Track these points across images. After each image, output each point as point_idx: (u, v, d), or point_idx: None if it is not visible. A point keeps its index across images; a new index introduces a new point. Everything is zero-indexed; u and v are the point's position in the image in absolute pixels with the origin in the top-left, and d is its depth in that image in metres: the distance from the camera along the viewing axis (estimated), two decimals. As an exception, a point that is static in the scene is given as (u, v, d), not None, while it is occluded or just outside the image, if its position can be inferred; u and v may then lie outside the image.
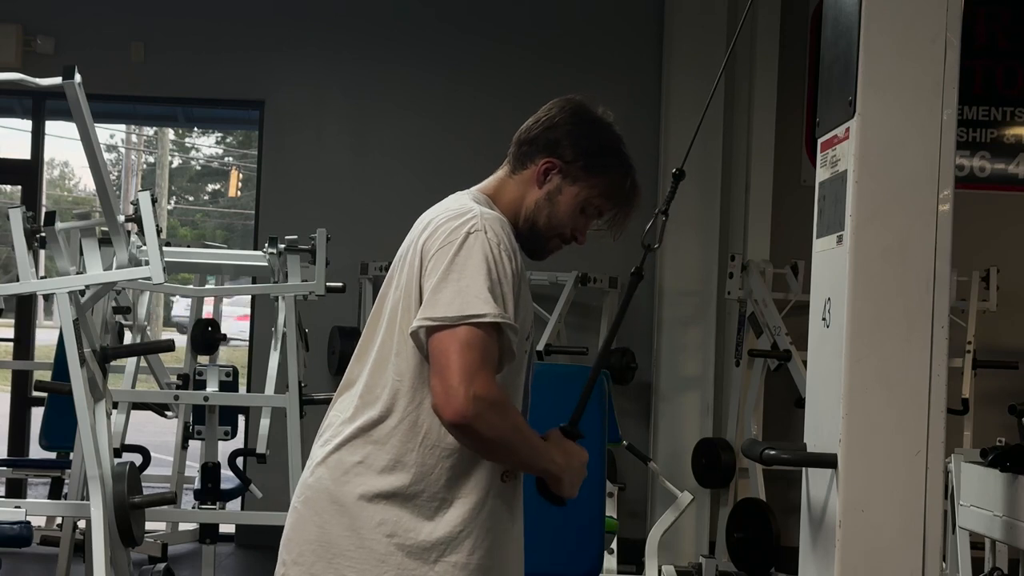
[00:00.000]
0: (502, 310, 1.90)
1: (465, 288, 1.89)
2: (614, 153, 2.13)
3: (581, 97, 2.16)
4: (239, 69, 6.84)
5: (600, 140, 2.12)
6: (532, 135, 2.12)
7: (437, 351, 1.88)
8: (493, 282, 1.91)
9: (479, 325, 1.87)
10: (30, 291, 3.48)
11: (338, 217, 6.32)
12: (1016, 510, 2.56)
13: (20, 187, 7.29)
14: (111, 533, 3.40)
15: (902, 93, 2.00)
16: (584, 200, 2.11)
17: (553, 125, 2.11)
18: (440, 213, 2.03)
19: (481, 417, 1.85)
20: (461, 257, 1.92)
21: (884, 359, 1.99)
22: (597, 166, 2.10)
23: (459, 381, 1.84)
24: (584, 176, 2.10)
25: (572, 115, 2.12)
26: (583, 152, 2.10)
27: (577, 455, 2.05)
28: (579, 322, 6.56)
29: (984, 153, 6.66)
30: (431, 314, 1.90)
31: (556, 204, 2.10)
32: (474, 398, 1.84)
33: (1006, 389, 6.08)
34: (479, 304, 1.88)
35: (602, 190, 2.11)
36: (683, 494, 4.96)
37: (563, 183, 2.10)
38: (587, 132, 2.11)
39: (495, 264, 1.93)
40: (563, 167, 2.10)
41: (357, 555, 1.96)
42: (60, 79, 3.06)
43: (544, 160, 2.10)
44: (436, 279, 1.92)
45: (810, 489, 2.16)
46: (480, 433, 1.88)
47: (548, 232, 2.12)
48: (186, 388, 5.24)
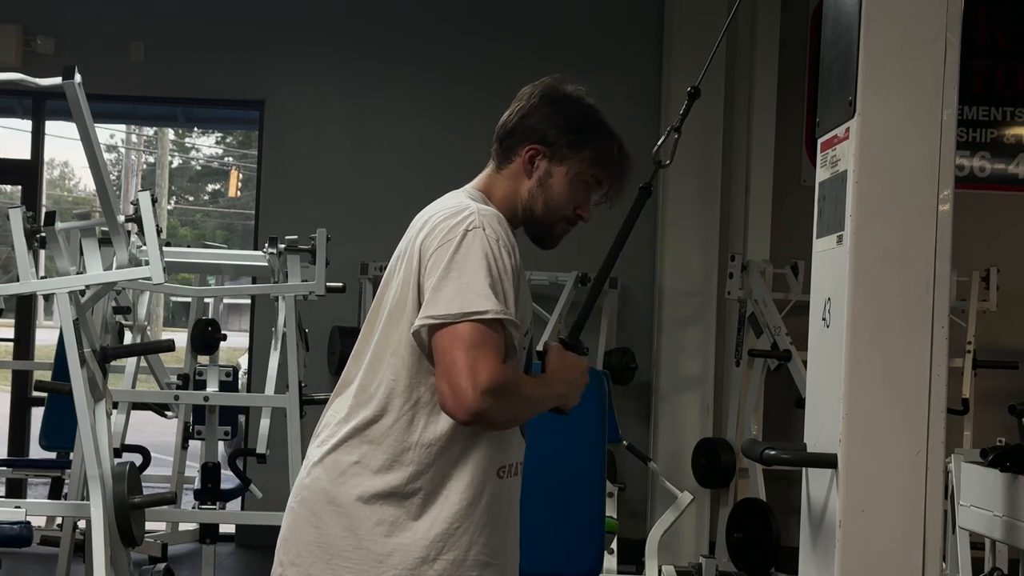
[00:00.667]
0: (504, 306, 1.90)
1: (466, 285, 1.89)
2: (593, 124, 2.14)
3: (551, 79, 2.18)
4: (239, 69, 6.84)
5: (577, 114, 2.13)
6: (510, 127, 2.13)
7: (440, 350, 1.89)
8: (494, 278, 1.91)
9: (481, 322, 1.88)
10: (30, 291, 3.47)
11: (338, 217, 6.32)
12: (1016, 510, 2.56)
13: (20, 187, 7.30)
14: (111, 533, 3.40)
15: (902, 93, 2.00)
16: (575, 175, 2.11)
17: (528, 112, 2.12)
18: (437, 211, 2.03)
19: (492, 409, 1.87)
20: (460, 254, 1.92)
21: (884, 359, 1.99)
22: (579, 140, 2.11)
23: (466, 379, 1.85)
24: (570, 153, 2.10)
25: (544, 98, 2.13)
26: (563, 130, 2.10)
27: (577, 367, 2.09)
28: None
29: (984, 153, 6.66)
30: (433, 312, 1.90)
31: (549, 188, 2.11)
32: (482, 394, 1.84)
33: (1006, 389, 6.08)
34: (480, 301, 1.88)
35: (591, 161, 2.11)
36: (683, 494, 4.96)
37: (551, 166, 2.10)
38: (562, 110, 2.12)
39: (495, 260, 1.93)
40: (547, 150, 2.10)
41: (355, 556, 1.96)
42: (60, 79, 3.05)
43: (527, 148, 2.10)
44: (436, 277, 1.92)
45: (810, 489, 2.16)
46: (495, 421, 1.93)
47: (549, 218, 2.12)
48: (186, 388, 5.24)
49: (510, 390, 1.90)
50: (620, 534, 5.27)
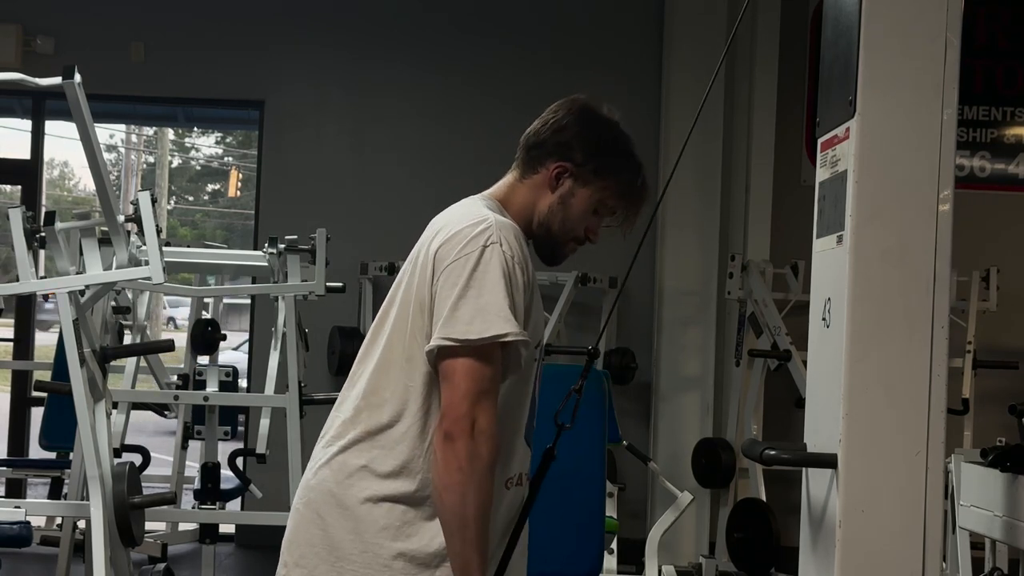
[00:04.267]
0: (520, 327, 1.91)
1: (485, 306, 1.89)
2: (624, 153, 2.13)
3: (586, 97, 2.16)
4: (239, 69, 6.84)
5: (609, 141, 2.12)
6: (541, 139, 2.11)
7: (450, 370, 1.90)
8: (511, 298, 1.92)
9: (499, 344, 1.89)
10: (30, 291, 3.48)
11: (338, 217, 6.32)
12: (1016, 510, 2.56)
13: (20, 187, 7.30)
14: (111, 533, 3.40)
15: (902, 93, 2.00)
16: (597, 201, 2.10)
17: (561, 128, 2.10)
18: (454, 219, 2.02)
19: (471, 438, 1.86)
20: (479, 272, 1.91)
21: (884, 359, 1.99)
22: (609, 167, 2.10)
23: (466, 397, 1.88)
24: (596, 178, 2.09)
25: (580, 117, 2.11)
26: (594, 154, 2.09)
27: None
28: (579, 322, 6.56)
29: (984, 153, 6.66)
30: (451, 334, 1.89)
31: (569, 207, 2.10)
32: (475, 420, 1.87)
33: (1006, 389, 6.08)
34: (500, 323, 1.89)
35: (615, 190, 2.11)
36: (683, 494, 4.96)
37: (575, 186, 2.09)
38: (596, 134, 2.11)
39: (510, 279, 1.93)
40: (574, 170, 2.09)
41: (361, 559, 1.96)
42: (60, 79, 3.06)
43: (555, 164, 2.09)
44: (455, 295, 1.91)
45: (810, 489, 2.15)
46: (461, 452, 1.87)
47: (563, 236, 2.12)
48: (186, 388, 5.24)
49: (491, 447, 1.89)
50: (620, 534, 5.27)
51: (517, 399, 2.03)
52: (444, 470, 1.89)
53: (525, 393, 2.05)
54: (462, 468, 1.87)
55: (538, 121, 2.14)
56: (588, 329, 6.56)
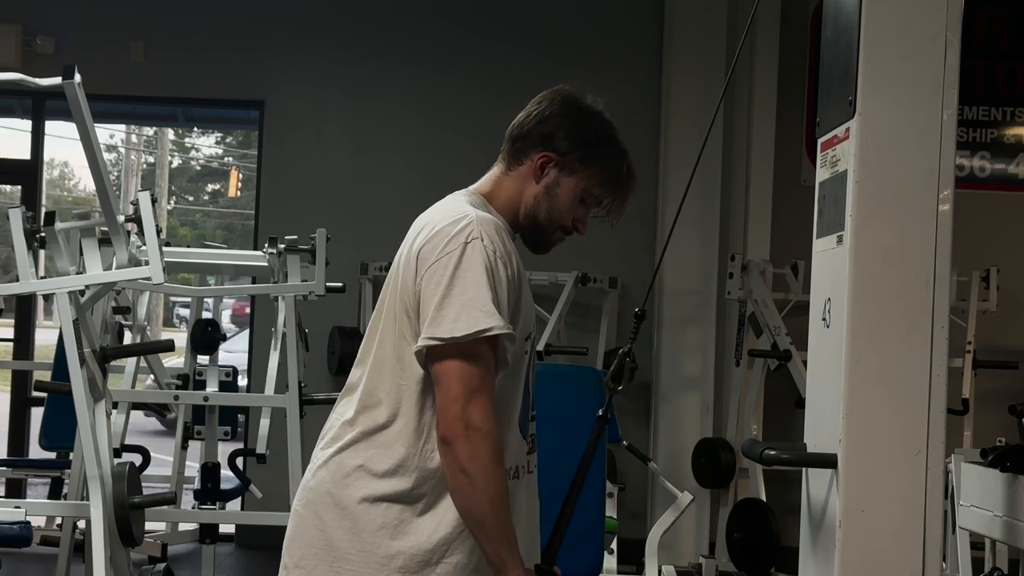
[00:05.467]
0: (505, 321, 1.91)
1: (469, 302, 1.90)
2: (608, 141, 2.14)
3: (570, 87, 2.17)
4: (239, 69, 6.84)
5: (594, 129, 2.13)
6: (525, 130, 2.12)
7: (440, 374, 1.91)
8: (495, 293, 1.92)
9: (486, 339, 1.90)
10: (30, 291, 3.48)
11: (338, 217, 6.32)
12: (1016, 510, 2.56)
13: (20, 187, 7.29)
14: (111, 533, 3.39)
15: (902, 93, 2.00)
16: (583, 190, 2.11)
17: (545, 118, 2.11)
18: (436, 217, 2.03)
19: (467, 438, 1.88)
20: (462, 270, 1.92)
21: (884, 359, 1.99)
22: (593, 156, 2.10)
23: (456, 399, 1.89)
24: (581, 167, 2.10)
25: (563, 106, 2.12)
26: (578, 143, 2.10)
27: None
28: (579, 322, 6.56)
29: (984, 153, 6.66)
30: (437, 333, 1.90)
31: (555, 197, 2.10)
32: (468, 420, 1.88)
33: (1006, 389, 6.08)
34: (484, 319, 1.89)
35: (600, 179, 2.11)
36: (683, 494, 4.96)
37: (560, 175, 2.10)
38: (580, 122, 2.12)
39: (493, 274, 1.93)
40: (559, 160, 2.10)
41: (359, 559, 1.96)
42: (60, 79, 3.05)
43: (540, 154, 2.10)
44: (440, 294, 1.92)
45: (810, 489, 2.15)
46: (460, 454, 1.89)
47: (550, 225, 2.13)
48: (186, 388, 5.24)
49: (494, 442, 1.91)
50: (620, 534, 5.27)
51: (508, 393, 2.03)
52: (450, 474, 1.91)
53: (516, 387, 2.06)
54: (464, 470, 1.89)
55: (522, 112, 2.15)
56: (588, 329, 6.56)
